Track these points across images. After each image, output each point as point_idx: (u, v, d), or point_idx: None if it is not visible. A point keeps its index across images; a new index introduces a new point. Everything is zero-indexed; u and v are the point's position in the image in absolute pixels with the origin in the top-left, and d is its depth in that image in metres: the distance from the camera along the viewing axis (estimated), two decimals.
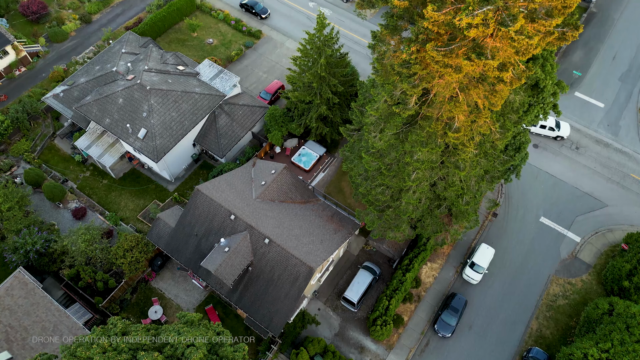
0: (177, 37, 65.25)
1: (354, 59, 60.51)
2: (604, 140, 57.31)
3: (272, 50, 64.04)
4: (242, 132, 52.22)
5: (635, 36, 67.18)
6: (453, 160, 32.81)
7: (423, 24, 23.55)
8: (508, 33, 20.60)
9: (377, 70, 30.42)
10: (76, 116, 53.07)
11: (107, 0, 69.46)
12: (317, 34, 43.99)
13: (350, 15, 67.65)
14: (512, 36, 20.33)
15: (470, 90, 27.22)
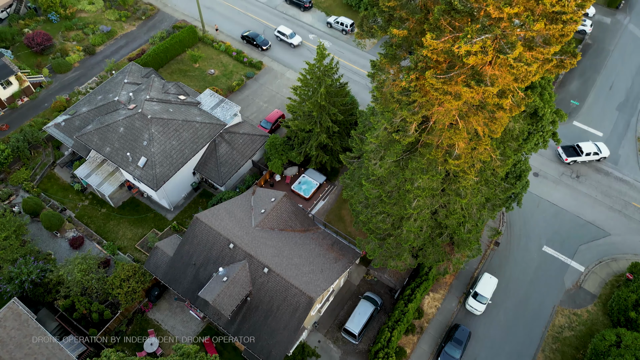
0: (179, 67, 66.19)
1: (353, 88, 61.24)
2: (604, 169, 57.28)
3: (273, 80, 64.85)
4: (242, 160, 52.23)
5: (630, 67, 68.24)
6: (454, 187, 32.60)
7: (422, 52, 23.78)
8: (507, 60, 20.76)
9: (377, 98, 30.59)
10: (77, 145, 53.20)
11: (111, 33, 70.80)
12: (317, 64, 44.57)
13: (349, 46, 68.84)
14: (511, 63, 20.47)
15: (470, 118, 27.28)
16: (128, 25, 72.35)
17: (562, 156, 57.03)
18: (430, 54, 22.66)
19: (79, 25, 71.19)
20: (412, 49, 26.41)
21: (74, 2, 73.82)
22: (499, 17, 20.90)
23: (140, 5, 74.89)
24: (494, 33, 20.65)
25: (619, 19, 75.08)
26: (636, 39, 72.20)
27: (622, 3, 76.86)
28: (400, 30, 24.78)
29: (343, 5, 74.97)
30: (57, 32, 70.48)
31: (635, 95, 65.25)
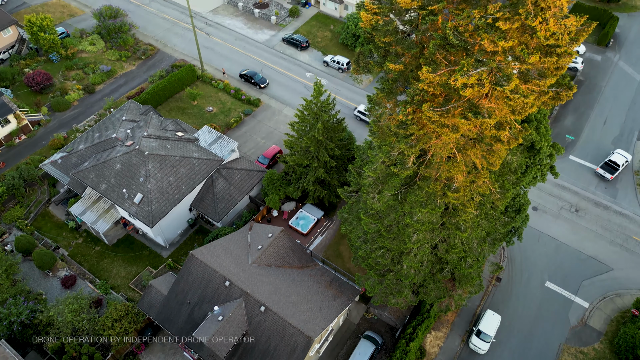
0: (177, 105, 66.80)
1: (350, 124, 61.68)
2: (603, 203, 57.06)
3: (271, 117, 65.39)
4: (240, 196, 51.85)
5: (623, 103, 69.26)
6: (454, 221, 32.16)
7: (418, 86, 23.92)
8: (503, 92, 20.84)
9: (374, 132, 30.61)
10: (72, 182, 52.85)
11: (111, 72, 71.85)
12: (315, 100, 45.00)
13: (346, 84, 69.91)
14: (508, 95, 20.53)
15: (468, 151, 27.20)
16: (128, 65, 73.53)
17: (606, 176, 59.19)
18: (427, 87, 22.78)
19: (80, 65, 72.30)
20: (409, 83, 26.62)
21: (75, 43, 75.27)
22: (494, 51, 21.12)
23: (140, 46, 76.39)
24: (490, 66, 20.81)
25: (609, 57, 76.81)
26: (627, 76, 73.64)
27: (611, 41, 78.89)
28: (396, 65, 25.03)
29: (339, 44, 76.67)
30: (58, 72, 71.47)
31: (629, 129, 65.90)
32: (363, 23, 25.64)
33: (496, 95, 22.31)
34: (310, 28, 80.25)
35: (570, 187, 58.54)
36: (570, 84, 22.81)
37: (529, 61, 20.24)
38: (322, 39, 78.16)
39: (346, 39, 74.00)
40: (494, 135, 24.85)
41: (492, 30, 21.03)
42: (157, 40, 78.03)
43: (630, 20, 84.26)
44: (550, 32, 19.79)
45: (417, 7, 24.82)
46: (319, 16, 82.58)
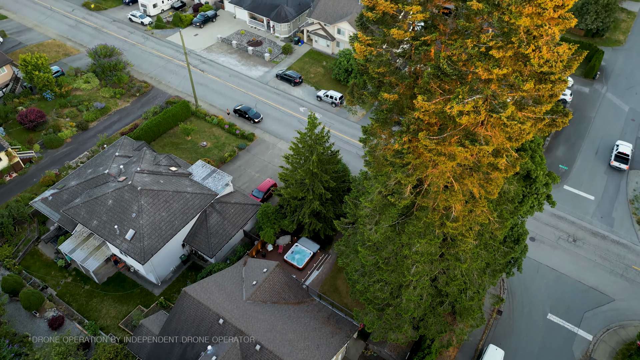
0: (171, 141, 66.71)
1: (344, 157, 61.67)
2: (600, 233, 56.74)
3: (265, 151, 65.36)
4: (234, 230, 50.99)
5: (613, 133, 70.15)
6: (453, 252, 31.54)
7: (414, 115, 23.85)
8: (500, 119, 20.77)
9: (370, 163, 30.37)
10: (63, 219, 51.85)
11: (105, 109, 72.01)
12: (309, 132, 45.03)
13: (339, 118, 70.42)
14: (505, 122, 20.45)
15: (465, 179, 26.94)
16: (122, 102, 73.85)
17: (622, 167, 64.04)
18: (422, 115, 22.70)
19: (74, 103, 72.46)
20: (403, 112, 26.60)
21: (69, 81, 75.75)
22: (489, 79, 21.18)
23: (135, 83, 76.99)
24: (485, 93, 20.80)
25: (596, 89, 78.39)
26: (615, 107, 74.96)
27: (597, 74, 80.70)
28: (391, 95, 25.05)
29: (331, 80, 77.76)
30: (51, 109, 71.53)
31: None
32: (357, 54, 25.84)
33: (492, 123, 22.25)
34: (303, 64, 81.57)
35: (567, 216, 58.32)
36: (565, 111, 22.83)
37: (523, 88, 20.27)
38: (315, 75, 79.32)
39: (339, 74, 75.11)
40: (491, 163, 24.65)
41: (485, 58, 21.16)
42: (151, 77, 78.79)
43: (614, 53, 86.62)
44: (543, 60, 19.91)
45: (410, 38, 25.09)
46: (311, 53, 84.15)
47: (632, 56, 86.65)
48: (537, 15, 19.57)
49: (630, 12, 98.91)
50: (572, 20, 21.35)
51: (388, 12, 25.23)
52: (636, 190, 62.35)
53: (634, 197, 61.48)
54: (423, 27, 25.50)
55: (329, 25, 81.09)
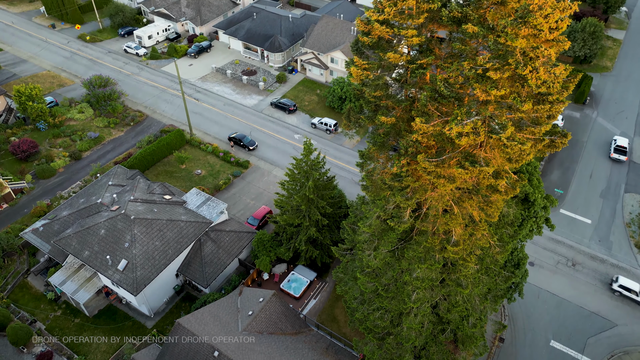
0: (165, 169, 66.24)
1: (339, 183, 61.38)
2: (599, 256, 56.29)
3: (260, 178, 64.98)
4: (229, 259, 50.01)
5: (606, 156, 70.62)
6: (454, 277, 30.88)
7: (412, 138, 23.67)
8: (500, 140, 20.61)
9: (367, 187, 30.02)
10: (54, 250, 50.68)
11: (99, 139, 71.69)
12: (305, 158, 44.81)
13: (334, 144, 70.53)
14: (505, 142, 20.28)
15: (465, 202, 26.59)
16: (116, 131, 73.64)
17: (622, 159, 69.09)
18: (421, 137, 22.51)
19: (67, 133, 72.15)
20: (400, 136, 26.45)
21: (63, 112, 75.65)
22: (487, 100, 21.12)
23: (129, 112, 77.01)
24: (483, 115, 20.70)
25: (587, 114, 79.39)
26: (606, 131, 75.75)
27: (587, 99, 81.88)
28: (388, 118, 24.93)
29: (325, 107, 78.28)
30: (44, 140, 71.10)
31: (615, 182, 66.67)
32: (353, 78, 25.86)
33: (491, 144, 22.08)
34: (297, 93, 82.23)
35: (565, 240, 57.95)
36: (564, 132, 22.77)
37: (522, 109, 20.20)
38: (309, 103, 79.86)
39: (332, 102, 75.68)
40: (491, 185, 24.38)
41: (483, 80, 21.15)
42: (146, 107, 78.92)
43: (603, 79, 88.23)
44: (541, 80, 19.92)
45: (405, 61, 25.17)
46: (305, 81, 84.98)
47: (620, 81, 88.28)
48: (533, 36, 19.67)
49: (616, 40, 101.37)
50: (566, 43, 21.52)
51: (383, 37, 25.39)
52: (632, 214, 62.30)
53: (630, 221, 61.37)
54: (418, 51, 25.64)
55: (322, 55, 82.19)
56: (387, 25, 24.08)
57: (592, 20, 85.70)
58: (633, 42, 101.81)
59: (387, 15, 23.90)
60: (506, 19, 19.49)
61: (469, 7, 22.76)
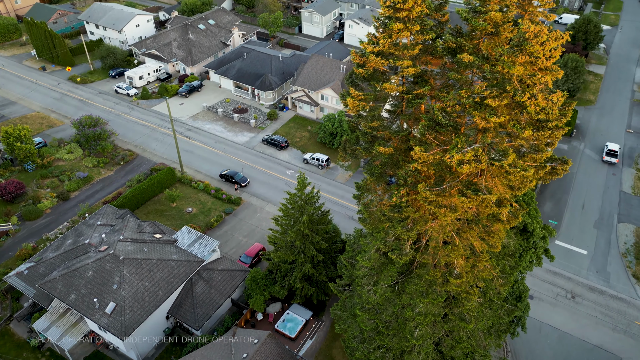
0: (155, 208, 65.08)
1: (334, 218, 60.62)
2: (597, 288, 55.56)
3: (252, 214, 64.04)
4: (221, 299, 48.36)
5: (596, 187, 71.17)
6: (457, 311, 29.90)
7: (411, 167, 23.33)
8: (502, 168, 20.32)
9: (365, 219, 29.39)
10: (39, 294, 48.65)
11: (88, 178, 70.65)
12: (299, 193, 44.25)
13: (326, 179, 70.26)
14: (507, 169, 19.99)
15: (466, 233, 26.04)
16: (106, 171, 72.74)
17: (613, 161, 75.28)
18: (421, 167, 22.16)
19: (55, 173, 71.09)
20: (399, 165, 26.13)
21: (52, 152, 74.84)
22: (486, 127, 20.97)
23: (119, 152, 76.41)
24: (484, 142, 20.49)
25: (575, 145, 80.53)
26: (595, 162, 76.67)
27: (574, 131, 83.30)
28: (386, 148, 24.66)
29: (317, 143, 78.53)
30: (32, 180, 69.88)
31: (608, 212, 66.84)
32: (350, 110, 25.75)
33: (492, 172, 21.78)
34: (288, 129, 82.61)
35: (562, 272, 57.30)
36: (564, 159, 22.62)
37: (522, 136, 20.05)
38: (300, 139, 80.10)
39: (324, 137, 75.99)
40: (492, 214, 23.92)
41: (481, 108, 21.07)
42: (136, 145, 78.45)
43: (588, 112, 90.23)
44: (539, 107, 19.87)
45: (402, 91, 25.17)
46: (296, 118, 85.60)
47: (604, 114, 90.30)
48: (529, 64, 19.75)
49: (597, 74, 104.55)
50: (559, 72, 21.68)
51: (378, 69, 25.47)
52: (627, 244, 62.15)
53: (625, 251, 61.13)
54: (413, 81, 25.71)
55: (313, 92, 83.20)
56: (382, 56, 24.18)
57: (573, 56, 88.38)
58: (613, 77, 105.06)
59: (382, 47, 24.04)
60: (502, 47, 19.61)
61: (462, 38, 22.98)
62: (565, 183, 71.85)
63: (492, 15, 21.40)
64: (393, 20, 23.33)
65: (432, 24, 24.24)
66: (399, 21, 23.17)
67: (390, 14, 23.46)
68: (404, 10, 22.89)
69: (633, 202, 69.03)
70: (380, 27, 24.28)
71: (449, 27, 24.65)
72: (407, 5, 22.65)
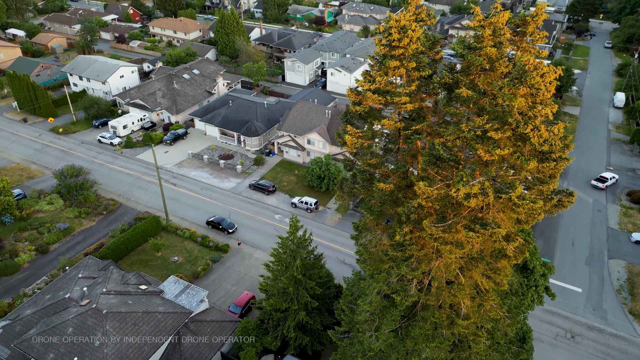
0: (140, 258, 62.72)
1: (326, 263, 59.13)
2: (596, 326, 54.56)
3: (241, 262, 62.12)
4: (210, 353, 45.71)
5: (584, 224, 71.64)
6: (464, 356, 28.50)
7: (413, 203, 22.74)
8: (510, 200, 19.85)
9: (365, 260, 28.37)
10: (14, 356, 45.30)
11: (69, 230, 68.19)
12: (291, 236, 43.09)
13: (315, 223, 69.23)
14: (516, 202, 19.53)
15: (471, 271, 25.20)
16: (88, 221, 70.45)
17: (599, 185, 78.97)
18: (425, 202, 21.58)
19: (34, 225, 68.48)
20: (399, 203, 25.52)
21: (31, 204, 72.48)
22: (490, 160, 20.69)
23: (102, 201, 74.45)
24: (489, 175, 20.12)
25: (559, 183, 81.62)
26: (580, 200, 77.57)
27: None
28: (386, 185, 24.12)
29: (305, 187, 78.00)
30: (9, 234, 67.08)
31: (598, 249, 66.91)
32: (348, 147, 25.36)
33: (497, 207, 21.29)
34: (275, 174, 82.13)
35: (559, 311, 56.30)
36: (569, 190, 22.36)
37: (527, 168, 19.78)
38: (287, 183, 79.53)
39: (312, 181, 75.60)
40: (499, 250, 23.24)
41: (484, 141, 20.87)
42: (119, 195, 76.68)
43: None
44: (543, 138, 19.73)
45: (400, 128, 24.98)
46: (283, 163, 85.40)
47: (582, 152, 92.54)
48: (530, 96, 19.78)
49: (572, 115, 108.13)
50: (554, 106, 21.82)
51: (375, 106, 25.37)
52: (620, 280, 61.84)
53: (619, 287, 60.71)
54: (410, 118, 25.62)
55: (299, 137, 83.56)
56: (379, 94, 24.12)
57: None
58: (588, 117, 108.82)
59: (379, 85, 24.02)
60: (502, 80, 19.66)
61: (459, 74, 23.14)
62: (554, 221, 72.15)
63: (488, 51, 21.66)
64: (389, 58, 23.46)
65: (427, 61, 24.45)
66: (395, 59, 23.31)
67: (386, 52, 23.65)
68: (400, 48, 23.11)
69: (621, 238, 69.40)
70: (376, 65, 24.41)
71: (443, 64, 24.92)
72: (402, 43, 22.88)
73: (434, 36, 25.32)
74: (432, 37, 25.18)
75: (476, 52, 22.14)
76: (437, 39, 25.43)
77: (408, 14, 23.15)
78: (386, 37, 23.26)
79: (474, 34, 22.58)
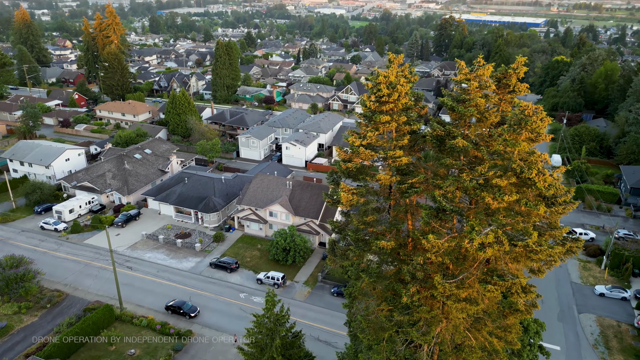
0: (90, 354, 55.73)
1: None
2: None
3: (206, 348, 56.57)
4: None
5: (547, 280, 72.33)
6: None
7: (419, 260, 21.38)
8: (527, 247, 18.98)
9: (364, 329, 26.07)
10: None
11: (6, 329, 60.17)
12: (267, 313, 39.83)
13: (285, 298, 65.36)
14: (533, 248, 18.67)
15: (480, 331, 23.60)
16: (29, 317, 62.79)
17: None
18: (434, 256, 20.29)
19: None
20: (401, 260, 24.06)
21: None
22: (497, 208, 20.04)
23: (45, 293, 67.13)
24: (499, 223, 19.36)
25: None
26: None
27: None
28: (387, 242, 22.74)
29: (270, 261, 74.75)
30: None
31: (567, 304, 67.28)
32: (343, 205, 24.06)
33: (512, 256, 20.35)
34: (237, 250, 78.51)
35: None
36: (577, 237, 21.91)
37: (537, 212, 19.21)
38: (251, 258, 75.99)
39: (277, 254, 72.70)
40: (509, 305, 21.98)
41: (487, 189, 20.34)
42: (65, 284, 69.74)
43: None
44: (547, 183, 19.47)
45: (392, 184, 24.19)
46: (244, 238, 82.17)
47: None
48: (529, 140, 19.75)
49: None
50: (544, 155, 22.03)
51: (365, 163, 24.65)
52: (594, 334, 61.79)
53: (595, 342, 60.50)
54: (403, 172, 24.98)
55: (260, 210, 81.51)
56: (371, 149, 23.50)
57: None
58: None
59: (370, 140, 23.47)
60: (502, 127, 19.59)
61: (450, 125, 23.09)
62: None
63: (478, 102, 21.86)
64: (379, 113, 23.18)
65: (416, 116, 24.42)
66: (385, 113, 23.05)
67: (375, 108, 23.40)
68: (390, 102, 22.96)
69: (586, 292, 70.46)
70: (365, 121, 24.03)
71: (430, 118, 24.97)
72: (392, 97, 22.77)
73: (417, 93, 25.59)
74: (415, 94, 25.42)
75: (465, 103, 22.32)
76: (420, 95, 25.71)
77: (394, 70, 23.32)
78: (375, 93, 23.14)
79: (459, 87, 22.92)
